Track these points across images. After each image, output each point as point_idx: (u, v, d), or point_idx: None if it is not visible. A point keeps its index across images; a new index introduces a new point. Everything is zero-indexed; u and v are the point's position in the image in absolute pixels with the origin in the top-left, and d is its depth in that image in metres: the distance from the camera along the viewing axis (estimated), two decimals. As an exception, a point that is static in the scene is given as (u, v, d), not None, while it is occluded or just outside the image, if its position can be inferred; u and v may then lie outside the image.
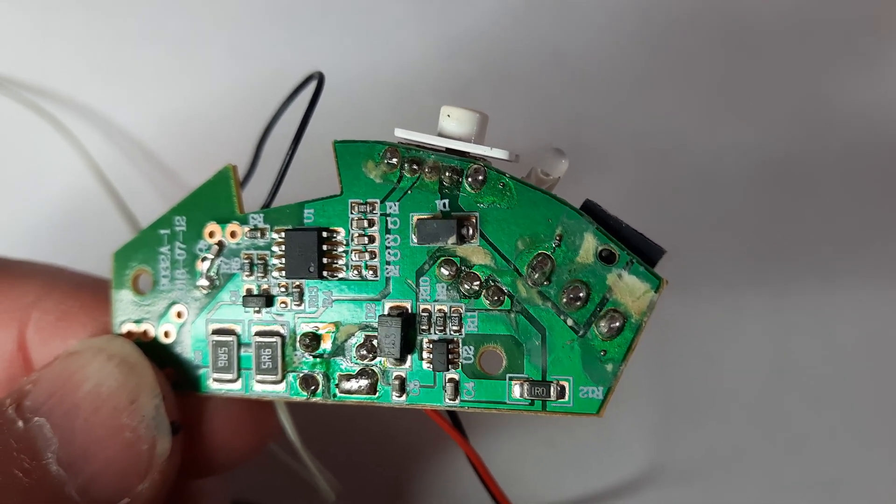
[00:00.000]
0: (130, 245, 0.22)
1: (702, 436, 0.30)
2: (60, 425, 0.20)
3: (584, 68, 0.31)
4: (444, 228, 0.19)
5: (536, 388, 0.19)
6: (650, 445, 0.30)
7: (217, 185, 0.21)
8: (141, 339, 0.22)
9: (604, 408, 0.19)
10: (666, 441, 0.30)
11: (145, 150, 0.33)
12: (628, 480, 0.30)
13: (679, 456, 0.30)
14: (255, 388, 0.21)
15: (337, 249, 0.20)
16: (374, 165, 0.20)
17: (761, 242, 0.30)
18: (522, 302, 0.19)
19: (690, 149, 0.30)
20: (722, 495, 0.30)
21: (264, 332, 0.21)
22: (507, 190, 0.19)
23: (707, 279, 0.30)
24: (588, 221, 0.19)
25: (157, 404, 0.21)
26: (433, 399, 0.20)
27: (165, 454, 0.20)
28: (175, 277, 0.22)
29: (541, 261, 0.19)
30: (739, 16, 0.30)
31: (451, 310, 0.20)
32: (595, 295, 0.19)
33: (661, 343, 0.30)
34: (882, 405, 0.29)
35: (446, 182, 0.20)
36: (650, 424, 0.30)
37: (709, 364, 0.30)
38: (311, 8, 0.33)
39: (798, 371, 0.30)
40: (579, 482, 0.31)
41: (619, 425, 0.30)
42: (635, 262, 0.18)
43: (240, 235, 0.21)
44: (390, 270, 0.20)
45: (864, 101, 0.30)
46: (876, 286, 0.29)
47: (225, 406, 0.23)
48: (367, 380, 0.20)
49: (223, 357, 0.21)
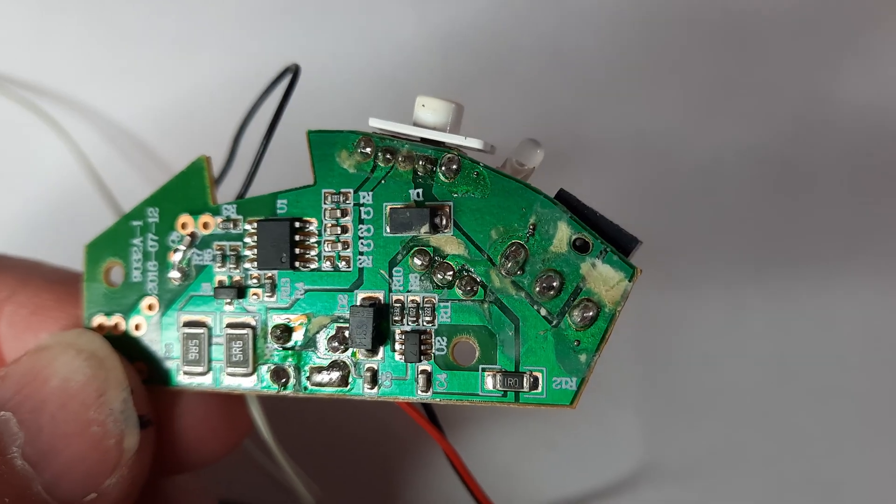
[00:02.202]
0: (103, 237, 0.22)
1: (701, 435, 0.30)
2: (27, 420, 0.19)
3: (583, 66, 0.31)
4: (417, 217, 0.19)
5: (509, 379, 0.19)
6: (649, 444, 0.30)
7: (190, 177, 0.21)
8: (112, 333, 0.22)
9: (577, 399, 0.18)
10: (665, 440, 0.30)
11: (138, 146, 0.33)
12: (627, 479, 0.30)
13: (678, 455, 0.30)
14: (225, 381, 0.21)
15: (310, 240, 0.20)
16: (348, 155, 0.20)
17: (761, 242, 0.30)
18: (496, 292, 0.19)
19: (690, 148, 0.30)
20: (721, 494, 0.30)
21: (236, 323, 0.21)
22: (481, 179, 0.19)
23: (707, 279, 0.30)
24: (562, 210, 0.18)
25: (126, 398, 0.20)
26: (405, 391, 0.19)
27: (133, 449, 0.20)
28: (147, 269, 0.21)
29: (514, 250, 0.19)
30: (739, 14, 0.31)
31: (424, 300, 0.19)
32: (569, 284, 0.18)
33: (661, 342, 0.30)
34: (882, 405, 0.29)
35: (420, 171, 0.19)
36: (649, 423, 0.30)
37: (708, 363, 0.30)
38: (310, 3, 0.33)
39: (798, 370, 0.29)
40: (578, 480, 0.30)
41: (619, 424, 0.30)
42: (609, 251, 0.18)
43: (213, 226, 0.21)
44: (363, 261, 0.20)
45: (864, 100, 0.30)
46: (876, 286, 0.29)
47: (198, 402, 0.22)
48: (338, 372, 0.20)
49: (194, 350, 0.21)
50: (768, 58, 0.30)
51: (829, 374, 0.29)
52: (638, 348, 0.30)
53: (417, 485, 0.31)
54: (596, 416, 0.30)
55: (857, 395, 0.29)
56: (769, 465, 0.30)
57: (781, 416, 0.30)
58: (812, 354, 0.29)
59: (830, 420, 0.29)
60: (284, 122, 0.22)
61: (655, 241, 0.30)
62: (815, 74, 0.30)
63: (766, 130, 0.30)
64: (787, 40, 0.30)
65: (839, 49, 0.30)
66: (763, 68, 0.30)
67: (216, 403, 0.23)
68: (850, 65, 0.30)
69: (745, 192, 0.30)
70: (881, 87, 0.30)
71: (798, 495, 0.29)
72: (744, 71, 0.30)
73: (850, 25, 0.30)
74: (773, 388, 0.30)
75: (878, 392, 0.29)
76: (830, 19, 0.30)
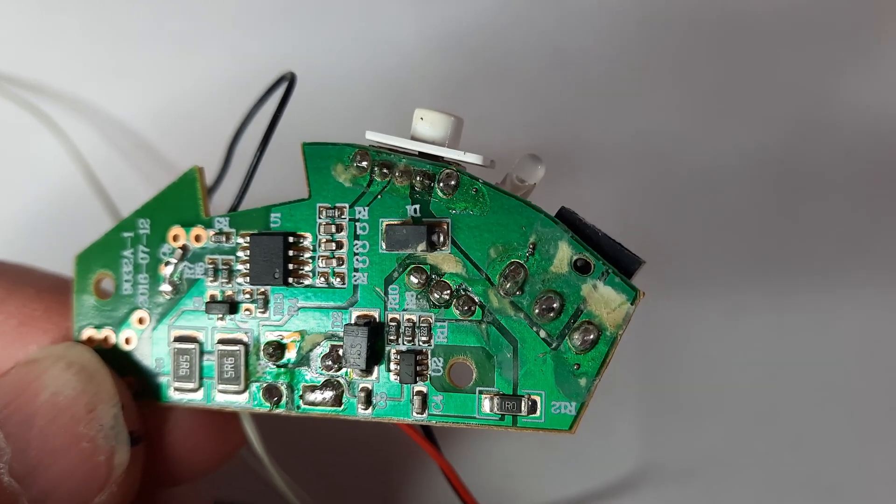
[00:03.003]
0: (93, 248, 0.21)
1: (701, 435, 0.30)
2: (15, 435, 0.19)
3: (583, 67, 0.31)
4: (414, 235, 0.19)
5: (507, 402, 0.18)
6: (649, 445, 0.30)
7: (182, 188, 0.21)
8: (102, 346, 0.21)
9: (576, 424, 0.18)
10: (665, 440, 0.30)
11: (137, 146, 0.33)
12: (627, 479, 0.30)
13: (678, 455, 0.30)
14: (216, 398, 0.20)
15: (303, 255, 0.20)
16: (344, 169, 0.19)
17: (761, 242, 0.30)
18: (494, 312, 0.18)
19: (690, 150, 0.30)
20: (721, 495, 0.30)
21: (227, 339, 0.20)
22: (479, 196, 0.18)
23: (707, 279, 0.30)
24: (563, 230, 0.18)
25: (116, 413, 0.20)
26: (400, 413, 0.19)
27: (124, 465, 0.20)
28: (138, 282, 0.21)
29: (513, 270, 0.18)
30: (740, 15, 0.30)
31: (420, 319, 0.19)
32: (569, 306, 0.18)
33: (661, 343, 0.30)
34: (882, 405, 0.29)
35: (417, 187, 0.19)
36: (649, 423, 0.30)
37: (708, 364, 0.30)
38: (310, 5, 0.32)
39: (798, 371, 0.29)
40: (578, 481, 0.30)
41: (619, 424, 0.30)
42: (611, 272, 0.18)
43: (204, 239, 0.20)
44: (358, 278, 0.19)
45: (865, 102, 0.30)
46: (876, 286, 0.29)
47: (188, 417, 0.22)
48: (332, 391, 0.19)
49: (185, 365, 0.20)
50: (769, 59, 0.30)
51: (829, 375, 0.29)
52: (638, 349, 0.30)
53: (412, 494, 0.31)
54: (596, 416, 0.30)
55: (856, 395, 0.29)
56: (769, 465, 0.29)
57: (781, 416, 0.29)
58: (812, 355, 0.29)
59: (830, 421, 0.29)
60: (282, 125, 0.21)
61: (655, 243, 0.30)
62: (817, 76, 0.30)
63: (766, 132, 0.30)
64: (788, 42, 0.30)
65: (840, 50, 0.30)
66: (764, 70, 0.30)
67: (208, 418, 0.22)
68: (852, 66, 0.30)
69: (746, 193, 0.30)
70: (882, 89, 0.29)
71: (797, 495, 0.29)
72: (744, 72, 0.30)
73: (852, 27, 0.30)
74: (772, 388, 0.29)
75: (878, 393, 0.29)
76: (832, 21, 0.30)
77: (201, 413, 0.22)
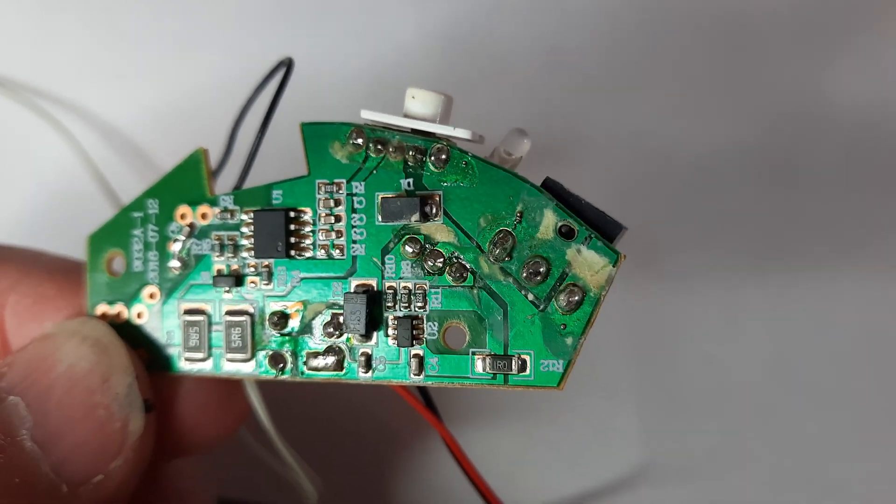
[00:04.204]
0: (104, 228, 0.23)
1: (700, 435, 0.30)
2: (35, 405, 0.20)
3: (581, 64, 0.31)
4: (408, 206, 0.20)
5: (498, 362, 0.19)
6: (648, 444, 0.30)
7: (188, 169, 0.22)
8: (115, 321, 0.22)
9: (564, 381, 0.19)
10: (664, 439, 0.30)
11: (136, 145, 0.34)
12: (626, 479, 0.31)
13: (677, 455, 0.30)
14: (225, 366, 0.21)
15: (304, 229, 0.21)
16: (341, 146, 0.20)
17: (760, 240, 0.30)
18: (485, 278, 0.19)
19: (688, 146, 0.30)
20: (719, 494, 0.30)
21: (234, 311, 0.21)
22: (469, 168, 0.20)
23: (705, 277, 0.30)
24: (548, 198, 0.19)
25: (130, 383, 0.21)
26: (398, 375, 0.20)
27: (138, 432, 0.21)
28: (148, 259, 0.22)
29: (502, 237, 0.19)
30: (738, 14, 0.30)
31: (415, 286, 0.20)
32: (555, 270, 0.19)
33: (661, 342, 0.30)
34: (882, 405, 0.29)
35: (410, 162, 0.20)
36: (648, 423, 0.30)
37: (708, 363, 0.30)
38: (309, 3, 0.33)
39: (797, 370, 0.30)
40: (578, 480, 0.31)
41: (618, 423, 0.30)
42: (594, 237, 0.19)
43: (210, 217, 0.22)
44: (356, 249, 0.20)
45: (862, 98, 0.30)
46: (876, 286, 0.29)
47: (197, 387, 0.23)
48: (333, 357, 0.20)
49: (194, 337, 0.21)
50: (766, 55, 0.30)
51: (829, 373, 0.29)
52: (636, 347, 0.30)
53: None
54: (595, 416, 0.31)
55: (857, 394, 0.29)
56: (769, 464, 0.30)
57: (781, 415, 0.30)
58: (811, 353, 0.29)
59: (830, 419, 0.29)
60: (282, 119, 0.22)
61: (653, 239, 0.30)
62: (814, 72, 0.30)
63: (764, 128, 0.30)
64: (785, 38, 0.30)
65: (837, 47, 0.30)
66: (760, 66, 0.30)
67: (214, 388, 0.23)
68: (849, 62, 0.30)
69: (744, 189, 0.30)
70: (879, 85, 0.29)
71: (797, 495, 0.29)
72: (741, 68, 0.30)
73: (849, 23, 0.30)
74: (772, 387, 0.30)
75: (878, 390, 0.29)
76: (828, 17, 0.30)
77: (209, 383, 0.23)
